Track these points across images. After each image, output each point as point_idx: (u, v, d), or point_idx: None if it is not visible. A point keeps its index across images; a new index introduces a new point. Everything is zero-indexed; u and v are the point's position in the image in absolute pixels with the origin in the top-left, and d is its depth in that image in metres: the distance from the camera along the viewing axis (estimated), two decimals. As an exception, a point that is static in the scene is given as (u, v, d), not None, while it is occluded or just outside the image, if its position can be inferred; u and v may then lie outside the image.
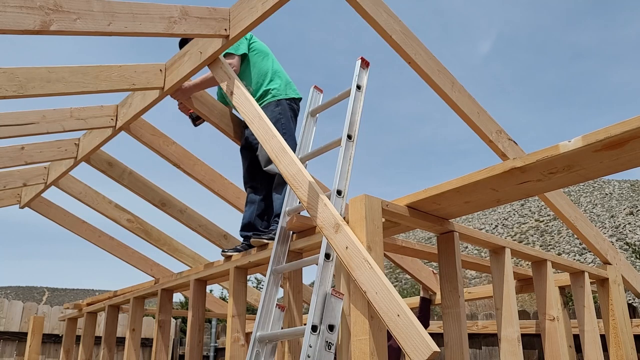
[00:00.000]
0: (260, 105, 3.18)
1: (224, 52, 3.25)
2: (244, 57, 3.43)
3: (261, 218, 3.39)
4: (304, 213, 2.57)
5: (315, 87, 3.02)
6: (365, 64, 2.80)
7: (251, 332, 2.41)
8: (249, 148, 3.52)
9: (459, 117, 2.86)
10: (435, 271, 4.21)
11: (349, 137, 2.51)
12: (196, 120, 3.72)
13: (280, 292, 2.62)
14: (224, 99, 3.68)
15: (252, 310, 7.66)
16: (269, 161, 3.19)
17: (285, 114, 3.33)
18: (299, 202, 2.61)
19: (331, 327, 2.11)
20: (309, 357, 2.02)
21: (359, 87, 2.69)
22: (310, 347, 2.05)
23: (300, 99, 3.53)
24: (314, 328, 2.08)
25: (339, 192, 2.39)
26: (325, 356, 2.01)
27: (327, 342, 2.07)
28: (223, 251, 3.30)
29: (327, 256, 2.28)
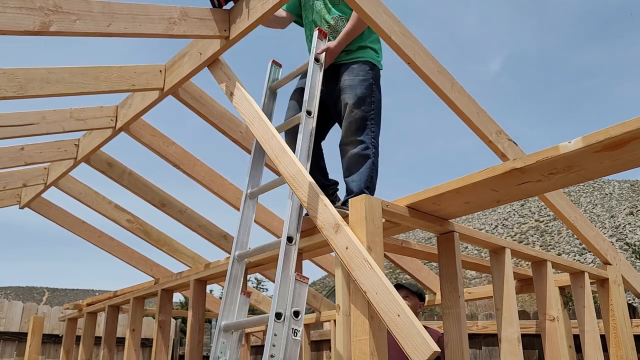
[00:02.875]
0: (352, 58, 2.90)
1: None
2: None
3: (323, 172, 3.05)
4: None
5: (274, 61, 2.97)
6: (323, 34, 2.83)
7: (251, 333, 2.42)
8: (322, 104, 2.84)
9: (459, 118, 2.86)
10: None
11: (308, 112, 2.50)
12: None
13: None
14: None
15: (252, 310, 7.66)
16: (348, 134, 2.79)
17: (378, 81, 2.94)
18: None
19: (296, 314, 2.06)
20: (274, 346, 1.96)
21: (317, 60, 2.70)
22: (276, 335, 2.01)
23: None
24: (278, 315, 2.03)
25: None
26: (291, 343, 1.95)
27: (293, 329, 2.02)
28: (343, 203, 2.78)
29: (290, 239, 2.25)
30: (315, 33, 2.84)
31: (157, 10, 2.58)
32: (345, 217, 2.06)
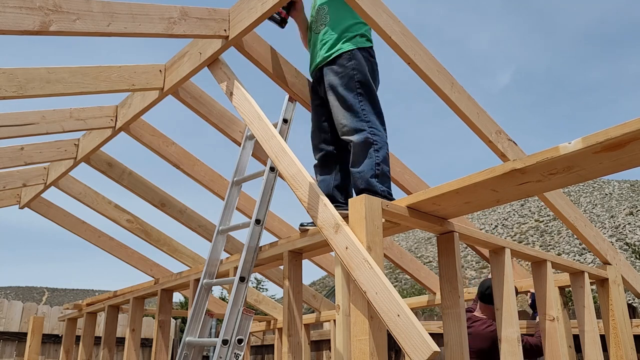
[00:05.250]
0: (330, 56, 2.84)
1: None
2: None
3: (340, 190, 2.90)
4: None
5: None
6: (292, 99, 3.08)
7: (251, 333, 2.49)
8: (326, 105, 2.93)
9: (459, 118, 2.86)
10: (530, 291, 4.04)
11: (272, 169, 2.88)
12: (282, 22, 2.99)
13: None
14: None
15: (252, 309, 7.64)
16: (348, 131, 2.70)
17: (361, 67, 2.80)
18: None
19: (240, 341, 2.48)
20: None
21: (285, 121, 3.01)
22: (220, 358, 2.42)
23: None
24: (225, 342, 2.44)
25: (257, 222, 2.78)
26: None
27: (235, 353, 2.45)
28: (302, 225, 2.86)
29: (242, 279, 2.63)
30: (286, 97, 3.07)
31: (157, 10, 2.57)
32: (345, 217, 2.07)
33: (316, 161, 2.98)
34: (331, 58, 2.83)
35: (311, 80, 3.10)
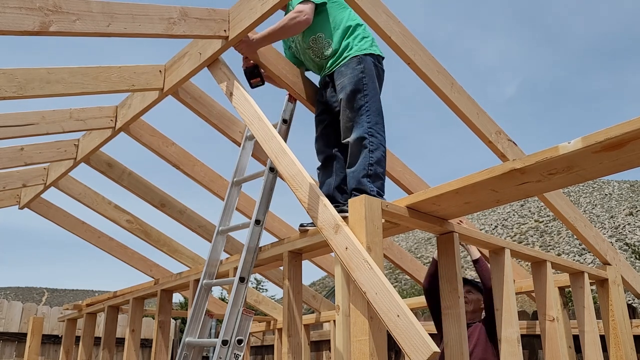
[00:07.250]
0: (339, 62, 2.88)
1: None
2: (321, 7, 2.92)
3: (340, 191, 2.95)
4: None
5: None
6: (292, 98, 3.09)
7: (251, 333, 2.49)
8: (330, 112, 3.03)
9: (459, 118, 2.86)
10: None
11: (272, 169, 2.88)
12: (251, 79, 3.02)
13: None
14: (292, 58, 3.22)
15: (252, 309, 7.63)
16: (349, 132, 2.76)
17: (370, 72, 2.85)
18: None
19: (240, 341, 2.49)
20: None
21: (285, 121, 3.01)
22: (220, 358, 2.43)
23: (383, 58, 3.01)
24: (225, 342, 2.45)
25: (257, 222, 2.78)
26: None
27: (235, 354, 2.45)
28: (301, 225, 2.88)
29: (242, 279, 2.64)
30: (285, 97, 3.06)
31: (157, 10, 2.57)
32: (345, 217, 2.07)
33: (319, 163, 3.03)
34: (341, 64, 2.88)
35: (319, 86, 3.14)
